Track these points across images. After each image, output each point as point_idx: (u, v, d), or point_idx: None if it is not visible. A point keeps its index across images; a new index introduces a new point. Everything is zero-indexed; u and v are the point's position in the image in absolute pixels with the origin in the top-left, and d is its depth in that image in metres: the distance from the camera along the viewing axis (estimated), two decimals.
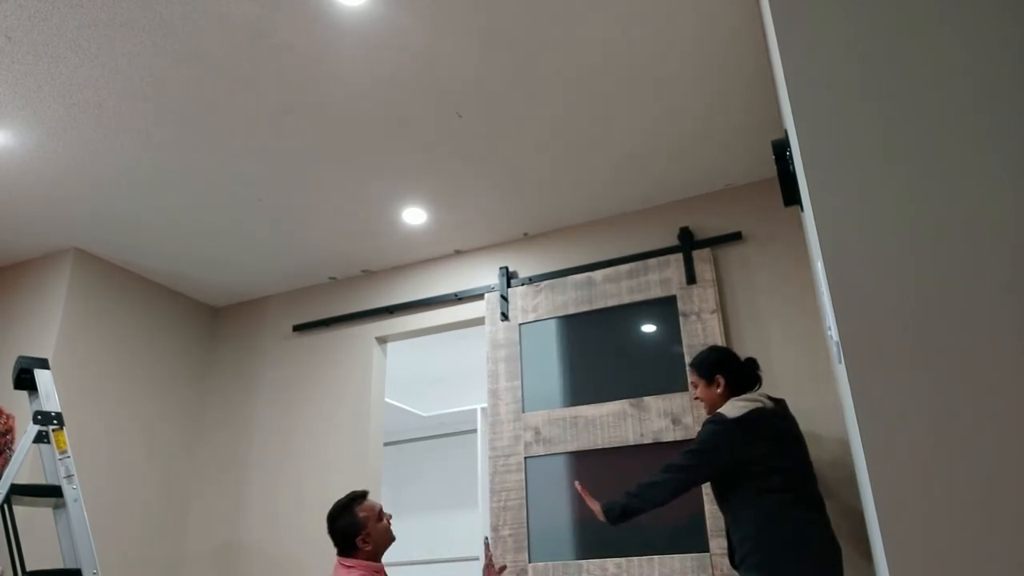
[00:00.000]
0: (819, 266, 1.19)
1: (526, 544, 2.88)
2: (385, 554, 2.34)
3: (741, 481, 2.09)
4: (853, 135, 1.13)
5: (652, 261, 3.09)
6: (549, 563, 2.81)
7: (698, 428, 2.74)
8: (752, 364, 2.35)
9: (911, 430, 0.96)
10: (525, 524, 2.91)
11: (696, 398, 2.38)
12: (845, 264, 1.06)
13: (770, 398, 2.24)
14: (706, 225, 3.09)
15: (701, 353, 2.39)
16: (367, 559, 2.28)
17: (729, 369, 2.30)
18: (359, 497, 2.37)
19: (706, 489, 2.67)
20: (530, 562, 2.85)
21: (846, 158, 1.12)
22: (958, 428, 0.94)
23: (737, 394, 2.26)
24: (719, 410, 2.20)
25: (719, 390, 2.29)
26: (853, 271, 1.05)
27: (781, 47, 1.24)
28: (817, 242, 1.13)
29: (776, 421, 2.17)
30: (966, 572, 0.88)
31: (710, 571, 2.56)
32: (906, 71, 1.14)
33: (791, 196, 1.56)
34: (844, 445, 2.57)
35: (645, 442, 2.83)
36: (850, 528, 2.47)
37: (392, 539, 2.37)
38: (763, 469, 2.07)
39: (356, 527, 2.29)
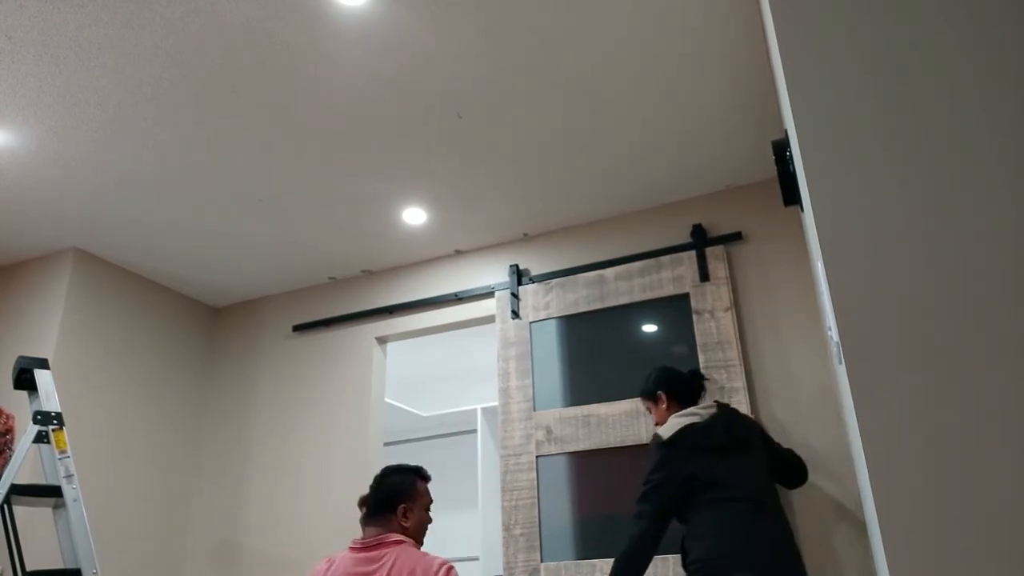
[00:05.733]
0: (819, 266, 1.19)
1: (538, 543, 2.86)
2: None
3: (690, 495, 2.14)
4: (853, 135, 1.13)
5: (665, 259, 3.07)
6: (561, 562, 2.80)
7: None
8: (693, 375, 2.43)
9: (911, 430, 0.96)
10: (537, 523, 2.89)
11: (655, 423, 2.41)
12: (845, 264, 1.06)
13: (717, 404, 2.30)
14: (717, 223, 3.09)
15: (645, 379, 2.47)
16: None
17: (668, 383, 2.39)
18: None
19: None
20: (542, 561, 2.84)
21: (846, 158, 1.12)
22: (958, 428, 0.94)
23: (683, 407, 2.34)
24: (657, 431, 2.27)
25: (664, 406, 2.38)
26: (853, 271, 1.05)
27: (781, 47, 1.24)
28: (817, 242, 1.13)
29: (706, 434, 2.20)
30: (966, 571, 0.88)
31: None
32: (906, 71, 1.14)
33: (791, 196, 1.56)
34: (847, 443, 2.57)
35: None
36: (849, 527, 2.47)
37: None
38: (701, 483, 2.12)
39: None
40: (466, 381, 5.06)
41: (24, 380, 2.59)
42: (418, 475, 2.10)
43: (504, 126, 2.66)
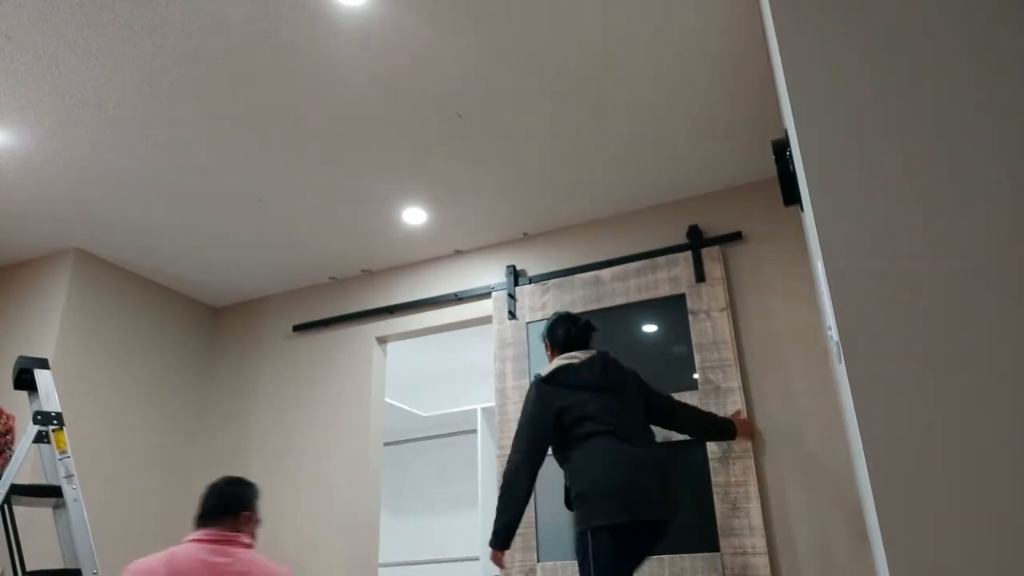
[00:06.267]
0: (819, 266, 1.19)
1: (535, 543, 2.86)
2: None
3: (563, 431, 2.29)
4: (853, 135, 1.13)
5: (661, 259, 3.07)
6: (558, 562, 2.80)
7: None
8: (583, 325, 2.54)
9: (911, 430, 0.96)
10: (534, 524, 2.89)
11: None
12: (845, 264, 1.06)
13: (598, 351, 2.44)
14: (714, 223, 3.09)
15: None
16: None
17: (551, 334, 2.55)
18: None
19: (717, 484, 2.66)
20: (539, 561, 2.84)
21: (846, 158, 1.12)
22: (958, 428, 0.94)
23: (565, 352, 2.47)
24: (538, 371, 2.43)
25: (549, 353, 2.55)
26: (853, 271, 1.05)
27: (781, 47, 1.24)
28: (817, 242, 1.13)
29: (583, 372, 2.35)
30: (966, 571, 0.88)
31: (720, 571, 2.55)
32: (906, 70, 1.14)
33: (791, 196, 1.56)
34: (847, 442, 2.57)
35: None
36: (849, 527, 2.47)
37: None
38: (574, 417, 2.27)
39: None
40: (466, 381, 5.06)
41: (24, 380, 2.59)
42: (255, 492, 2.25)
43: (504, 126, 2.67)
